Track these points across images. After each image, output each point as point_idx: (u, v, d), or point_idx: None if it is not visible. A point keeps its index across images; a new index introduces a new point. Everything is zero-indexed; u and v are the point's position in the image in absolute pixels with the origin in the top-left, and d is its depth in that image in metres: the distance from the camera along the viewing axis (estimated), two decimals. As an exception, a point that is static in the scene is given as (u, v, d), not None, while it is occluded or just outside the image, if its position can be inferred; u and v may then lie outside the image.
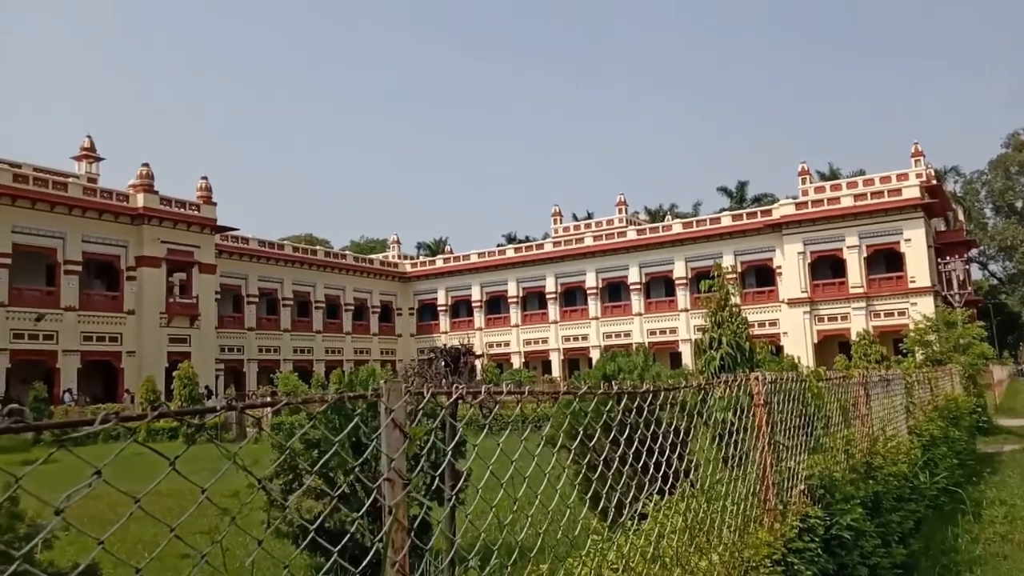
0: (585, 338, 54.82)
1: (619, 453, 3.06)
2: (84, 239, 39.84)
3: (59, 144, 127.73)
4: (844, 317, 46.03)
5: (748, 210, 54.62)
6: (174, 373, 34.52)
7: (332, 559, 1.80)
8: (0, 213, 36.45)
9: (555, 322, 56.15)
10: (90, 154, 44.04)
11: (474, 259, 60.43)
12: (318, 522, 1.97)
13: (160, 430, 26.25)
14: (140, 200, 42.27)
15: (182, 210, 44.40)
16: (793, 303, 47.27)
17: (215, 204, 46.38)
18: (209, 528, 1.85)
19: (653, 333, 52.26)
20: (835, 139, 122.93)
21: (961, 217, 59.45)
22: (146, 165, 43.63)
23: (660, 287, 53.99)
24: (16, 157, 39.76)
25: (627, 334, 52.70)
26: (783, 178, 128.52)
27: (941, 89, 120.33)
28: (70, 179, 40.90)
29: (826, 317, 46.82)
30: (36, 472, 1.41)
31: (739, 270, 47.82)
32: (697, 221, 54.19)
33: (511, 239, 78.88)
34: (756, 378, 4.46)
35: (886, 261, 46.12)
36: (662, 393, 3.45)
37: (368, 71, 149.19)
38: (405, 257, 67.92)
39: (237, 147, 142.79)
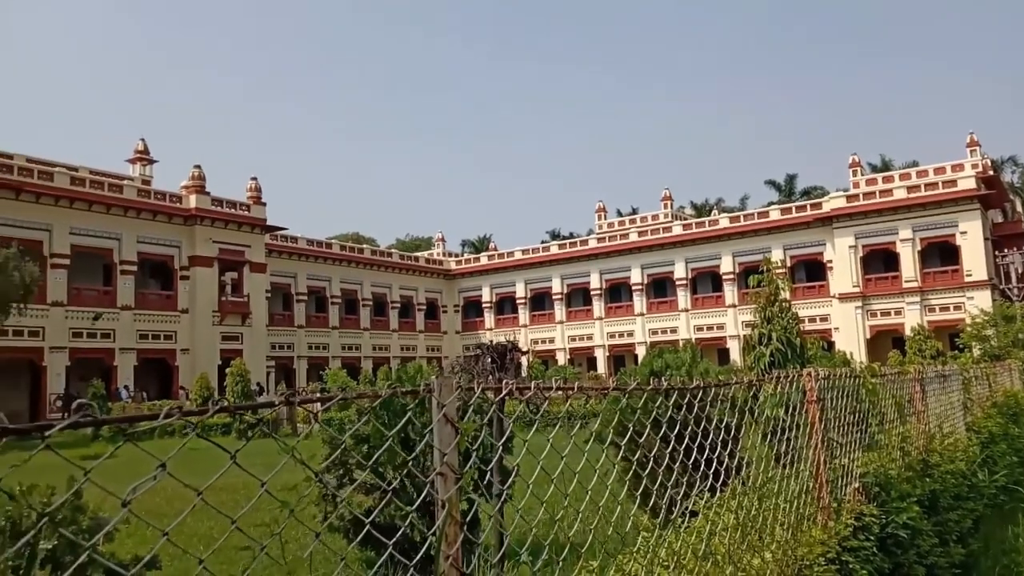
0: (630, 334, 54.50)
1: (669, 449, 3.04)
2: (139, 240, 40.93)
3: (115, 146, 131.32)
4: (897, 312, 44.98)
5: (797, 203, 53.63)
6: (227, 370, 35.30)
7: (387, 552, 1.82)
8: (59, 216, 37.63)
9: (600, 318, 55.93)
10: (144, 156, 45.24)
11: (518, 256, 60.51)
12: (372, 516, 2.00)
13: (213, 425, 26.83)
14: (192, 201, 43.26)
15: (233, 210, 45.32)
16: (844, 298, 46.33)
17: (264, 204, 47.24)
18: (266, 521, 1.89)
19: (700, 329, 51.72)
20: (887, 130, 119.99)
21: (1019, 208, 57.53)
22: (198, 167, 44.63)
23: (707, 283, 53.38)
24: (75, 160, 41.10)
25: (673, 330, 52.25)
26: (833, 171, 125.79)
27: (998, 77, 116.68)
28: (125, 181, 42.08)
29: (879, 312, 45.80)
30: (94, 466, 1.46)
31: (788, 265, 46.98)
32: (745, 215, 53.45)
33: (555, 235, 78.70)
34: (808, 374, 4.39)
35: (941, 254, 44.91)
36: (712, 390, 3.42)
37: (409, 68, 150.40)
38: (450, 255, 68.33)
39: (282, 146, 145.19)
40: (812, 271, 49.64)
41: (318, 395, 1.89)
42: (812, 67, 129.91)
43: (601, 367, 54.55)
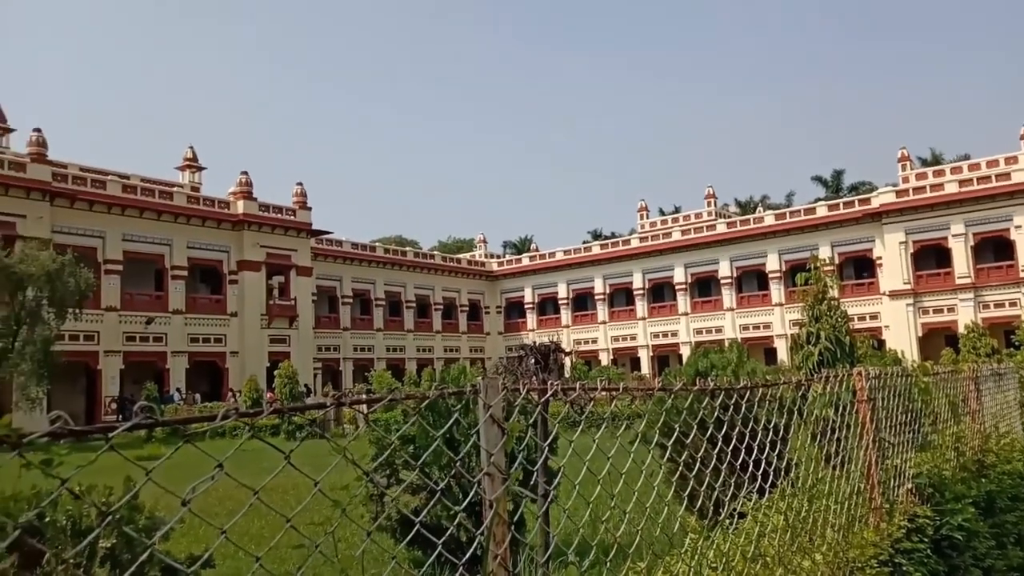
0: (674, 334, 54.03)
1: (716, 451, 3.02)
2: (189, 245, 41.87)
3: (165, 153, 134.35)
4: (950, 309, 43.84)
5: (845, 199, 52.59)
6: (275, 372, 35.94)
7: (436, 551, 1.85)
8: (112, 223, 38.68)
9: (643, 318, 55.55)
10: (192, 163, 46.33)
11: (560, 256, 60.43)
12: (422, 515, 2.03)
13: (262, 427, 27.33)
14: (240, 207, 44.11)
15: (279, 215, 46.09)
16: (895, 295, 45.31)
17: (310, 209, 47.94)
18: (317, 521, 1.93)
19: (746, 328, 51.03)
20: (937, 123, 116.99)
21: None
22: (245, 173, 45.48)
23: (752, 281, 52.68)
24: (126, 168, 42.24)
25: (718, 330, 51.66)
26: (882, 165, 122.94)
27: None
28: (175, 188, 43.10)
29: (931, 309, 44.70)
30: (145, 468, 1.51)
31: (836, 262, 46.11)
32: (791, 212, 52.57)
33: (597, 235, 78.44)
34: (859, 374, 4.32)
35: (995, 249, 43.65)
36: (759, 390, 3.39)
37: (448, 70, 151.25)
38: (491, 256, 68.55)
39: (325, 150, 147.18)
40: (861, 268, 48.65)
41: (367, 396, 1.93)
42: (859, 61, 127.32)
43: (645, 367, 54.18)
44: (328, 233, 50.59)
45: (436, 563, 5.26)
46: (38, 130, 37.01)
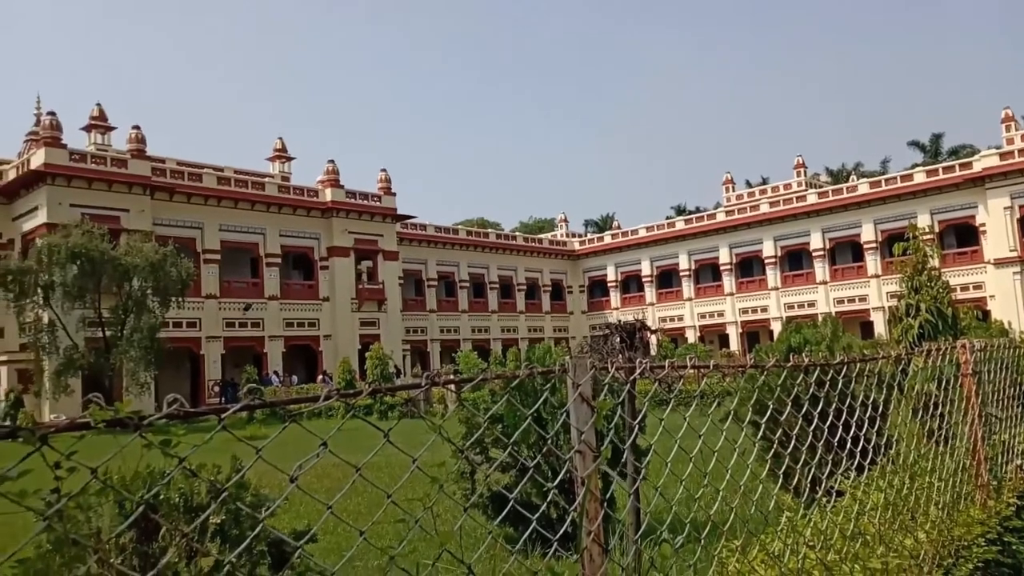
0: (764, 310, 52.68)
1: (812, 428, 2.96)
2: (282, 233, 43.31)
3: (254, 145, 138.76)
4: (1064, 276, 41.27)
5: (945, 164, 49.89)
6: (366, 354, 36.88)
7: (531, 527, 1.89)
8: (209, 214, 40.36)
9: (731, 294, 54.35)
10: (282, 154, 47.83)
11: (642, 233, 59.65)
12: (515, 492, 2.07)
13: (355, 407, 28.09)
14: (328, 195, 45.28)
15: (366, 202, 47.11)
16: (1000, 263, 42.88)
17: (394, 195, 48.81)
18: (415, 497, 2.00)
19: (840, 302, 49.28)
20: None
21: None
22: (331, 161, 46.59)
23: (846, 252, 50.77)
24: (218, 161, 43.95)
25: (811, 304, 50.08)
26: (984, 128, 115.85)
27: None
28: (266, 179, 44.59)
29: (1041, 277, 42.17)
30: (244, 447, 1.58)
31: (936, 230, 43.91)
32: (886, 179, 50.29)
33: (680, 211, 76.99)
34: (963, 346, 4.14)
35: (1113, 211, 40.77)
36: (856, 365, 3.30)
37: (528, 50, 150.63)
38: (573, 235, 68.28)
39: (407, 136, 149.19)
40: (963, 236, 46.19)
41: (461, 376, 1.97)
42: (957, 19, 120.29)
43: (734, 344, 53.08)
44: (412, 218, 51.44)
45: (528, 539, 5.34)
46: (137, 127, 38.80)
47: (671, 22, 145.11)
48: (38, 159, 34.63)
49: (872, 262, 48.23)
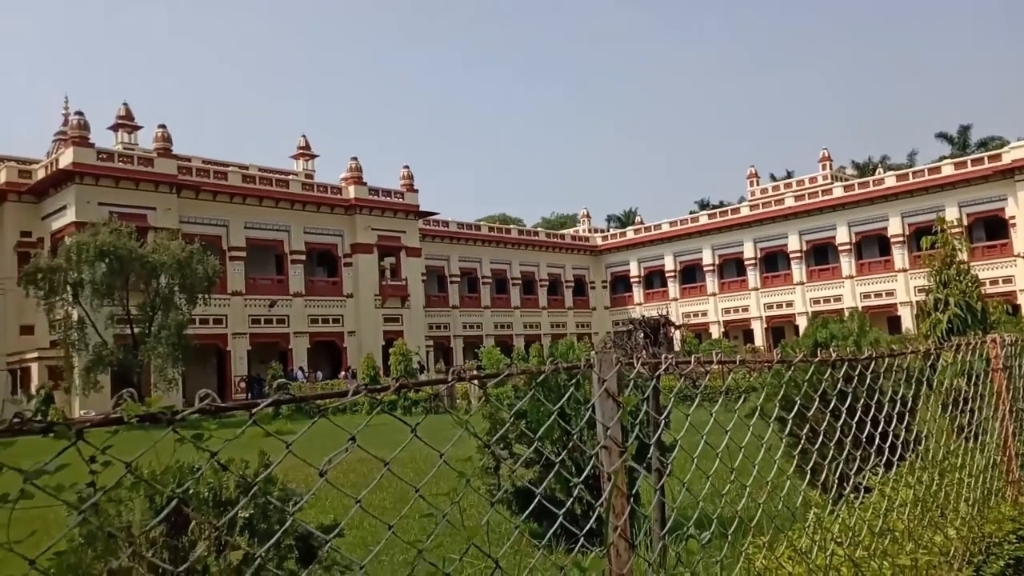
0: (789, 304, 52.19)
1: (840, 423, 2.93)
2: (306, 230, 43.59)
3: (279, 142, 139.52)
4: (1098, 269, 40.47)
5: (973, 156, 49.10)
6: (390, 350, 37.06)
7: (557, 522, 1.89)
8: (234, 212, 40.73)
9: (755, 289, 53.91)
10: (306, 152, 48.18)
11: (665, 228, 59.32)
12: (542, 487, 2.08)
13: (380, 402, 28.25)
14: (352, 192, 45.51)
15: (388, 199, 47.30)
16: (1032, 256, 42.15)
17: (417, 191, 48.95)
18: (444, 490, 2.01)
19: (867, 296, 48.70)
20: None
21: None
22: (354, 159, 46.82)
23: (873, 246, 50.14)
24: (244, 159, 44.33)
25: (837, 299, 49.54)
26: (1013, 120, 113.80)
27: None
28: (290, 176, 44.90)
29: (1075, 270, 41.40)
30: (269, 442, 1.59)
31: (965, 223, 43.24)
32: (913, 172, 49.57)
33: (704, 205, 76.49)
34: (993, 341, 4.08)
35: None
36: (884, 360, 3.26)
37: (544, 46, 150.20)
38: (595, 230, 68.09)
39: (428, 131, 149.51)
40: (992, 229, 45.42)
41: (485, 372, 1.98)
42: (985, 8, 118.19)
43: (758, 339, 52.67)
44: (435, 214, 51.55)
45: (553, 534, 5.35)
46: (163, 126, 39.24)
47: (694, 11, 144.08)
48: (66, 158, 35.14)
49: (899, 256, 47.62)
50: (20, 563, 1.31)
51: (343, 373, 41.96)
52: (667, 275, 58.80)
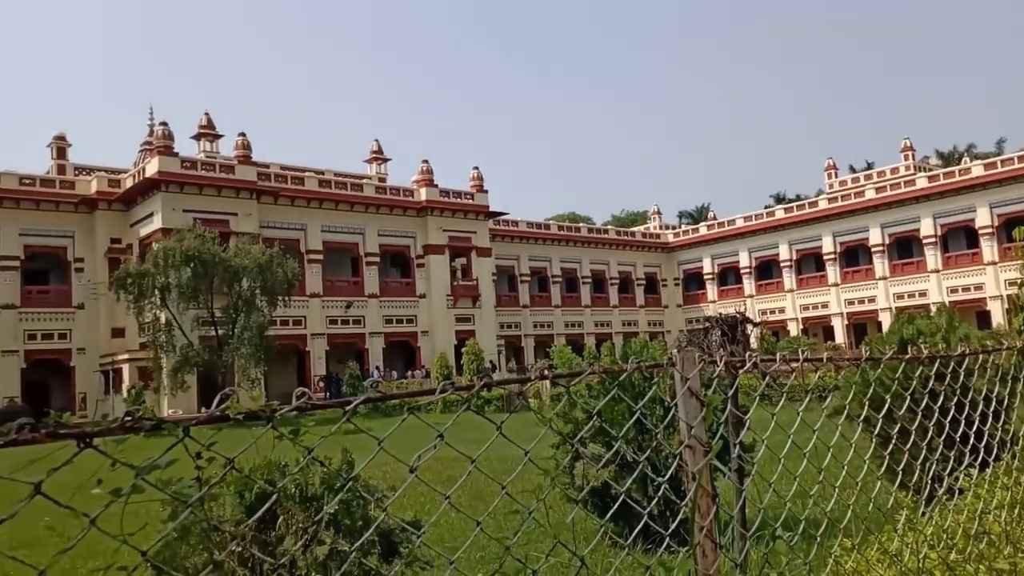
0: (871, 300, 50.46)
1: (932, 423, 2.84)
2: (380, 233, 44.44)
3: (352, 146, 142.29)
4: None
5: (1070, 142, 46.59)
6: (462, 350, 37.42)
7: (641, 522, 1.89)
8: (311, 216, 41.83)
9: (835, 284, 52.32)
10: (379, 156, 49.11)
11: (740, 223, 58.11)
12: (625, 486, 2.08)
13: (452, 402, 28.59)
14: (423, 194, 46.15)
15: (459, 200, 47.79)
16: None
17: (486, 192, 49.29)
18: (529, 488, 2.04)
19: (953, 291, 46.73)
20: None
21: None
22: (425, 161, 47.46)
23: (960, 239, 48.07)
24: (319, 164, 45.46)
25: (922, 293, 47.69)
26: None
27: None
28: (364, 180, 45.81)
29: None
30: (349, 439, 1.64)
31: (1061, 212, 41.06)
32: (1003, 160, 47.28)
33: (780, 199, 74.70)
34: (1097, 336, 3.87)
35: None
36: (978, 357, 3.14)
37: (617, 40, 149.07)
38: (667, 227, 67.23)
39: (498, 132, 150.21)
40: (1093, 218, 43.06)
41: (566, 371, 2.00)
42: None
43: (839, 336, 51.12)
44: (505, 214, 51.80)
45: (628, 533, 5.32)
46: (243, 134, 40.53)
47: (763, 4, 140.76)
48: (152, 167, 36.67)
49: (988, 248, 45.52)
50: (132, 554, 1.38)
51: (410, 373, 42.59)
52: (742, 271, 57.64)
